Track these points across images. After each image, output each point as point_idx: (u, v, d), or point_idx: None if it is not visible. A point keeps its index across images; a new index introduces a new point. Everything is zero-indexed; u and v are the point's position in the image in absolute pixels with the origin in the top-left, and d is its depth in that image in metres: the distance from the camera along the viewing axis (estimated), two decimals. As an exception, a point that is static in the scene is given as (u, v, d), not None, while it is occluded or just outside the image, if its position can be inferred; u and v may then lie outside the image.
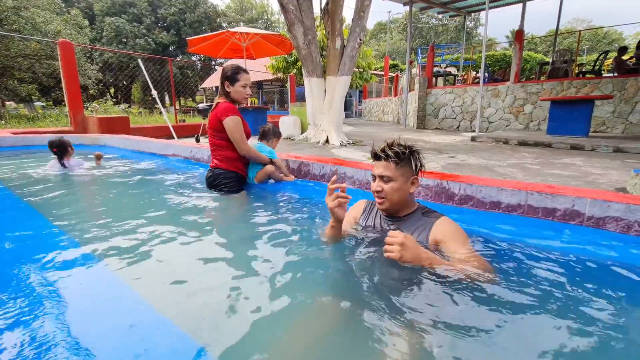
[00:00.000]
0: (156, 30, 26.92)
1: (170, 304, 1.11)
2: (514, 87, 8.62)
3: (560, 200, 1.59)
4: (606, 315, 0.99)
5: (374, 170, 1.37)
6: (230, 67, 2.40)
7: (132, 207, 2.30)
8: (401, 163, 1.32)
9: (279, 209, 2.18)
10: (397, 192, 1.33)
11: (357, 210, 1.58)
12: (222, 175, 2.43)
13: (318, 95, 6.19)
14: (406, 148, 1.33)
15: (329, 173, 2.49)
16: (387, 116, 15.87)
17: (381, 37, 43.05)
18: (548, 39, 29.25)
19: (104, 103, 13.03)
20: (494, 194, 1.77)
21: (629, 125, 7.41)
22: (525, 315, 1.00)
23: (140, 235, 1.64)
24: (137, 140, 4.74)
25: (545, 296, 1.09)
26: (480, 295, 1.07)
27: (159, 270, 1.34)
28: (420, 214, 1.40)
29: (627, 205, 1.45)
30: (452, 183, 1.92)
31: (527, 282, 1.17)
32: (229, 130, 2.35)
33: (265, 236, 1.65)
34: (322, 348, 0.92)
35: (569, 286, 1.16)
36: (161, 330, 0.98)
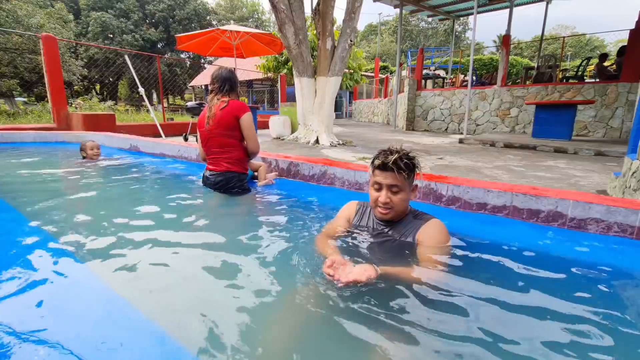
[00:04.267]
0: (144, 26, 26.48)
1: (154, 305, 1.09)
2: (500, 90, 8.79)
3: (544, 201, 1.63)
4: (586, 313, 1.02)
5: (379, 179, 1.33)
6: (233, 71, 2.46)
7: (115, 207, 2.25)
8: (411, 174, 1.34)
9: (275, 207, 2.17)
10: (404, 202, 1.36)
11: (349, 211, 1.57)
12: (236, 178, 2.37)
13: (308, 95, 6.19)
14: (413, 158, 1.34)
15: (318, 173, 2.49)
16: (376, 117, 15.98)
17: (372, 38, 43.32)
18: (533, 45, 29.98)
19: (89, 100, 12.73)
20: (481, 195, 1.80)
21: (609, 130, 7.65)
22: (500, 315, 1.02)
23: (122, 235, 1.59)
24: (123, 138, 4.64)
25: (520, 294, 1.11)
26: (467, 296, 1.08)
27: (145, 271, 1.31)
28: (411, 217, 1.41)
29: (607, 207, 1.49)
30: (440, 184, 1.95)
31: (505, 282, 1.20)
32: (247, 127, 2.35)
33: (261, 236, 1.65)
34: (312, 347, 0.92)
35: (548, 285, 1.18)
36: (149, 335, 0.96)
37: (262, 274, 1.26)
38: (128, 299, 1.11)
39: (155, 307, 1.08)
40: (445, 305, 1.03)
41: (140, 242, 1.51)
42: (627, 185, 2.40)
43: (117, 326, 0.98)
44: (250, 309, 1.03)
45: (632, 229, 1.45)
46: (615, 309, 1.05)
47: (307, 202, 2.22)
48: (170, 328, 0.96)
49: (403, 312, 0.99)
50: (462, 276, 1.20)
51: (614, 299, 1.15)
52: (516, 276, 1.24)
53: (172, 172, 3.26)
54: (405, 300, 1.05)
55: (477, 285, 1.16)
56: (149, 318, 1.01)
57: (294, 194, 2.38)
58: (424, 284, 1.12)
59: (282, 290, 1.15)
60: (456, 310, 1.01)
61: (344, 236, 1.47)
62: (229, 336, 0.92)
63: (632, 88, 7.25)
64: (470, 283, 1.17)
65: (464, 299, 1.06)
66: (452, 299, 1.06)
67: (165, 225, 1.79)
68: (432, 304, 1.04)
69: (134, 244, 1.50)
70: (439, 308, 1.02)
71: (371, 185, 1.39)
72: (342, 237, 1.46)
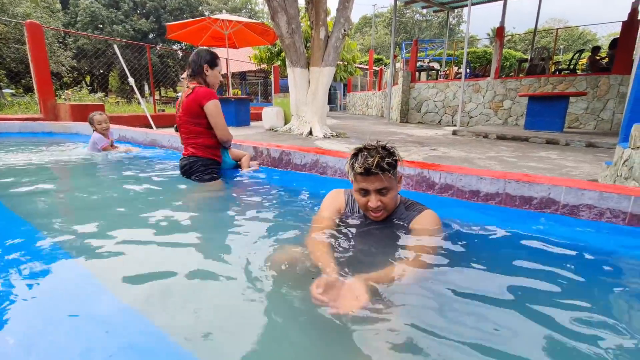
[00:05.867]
0: (135, 16, 25.89)
1: (142, 299, 1.05)
2: (494, 82, 8.79)
3: (537, 188, 1.62)
4: (578, 299, 1.01)
5: (365, 186, 1.25)
6: (206, 51, 2.32)
7: (99, 197, 2.19)
8: (395, 169, 1.27)
9: (256, 196, 2.11)
10: (394, 199, 1.31)
11: (339, 201, 1.50)
12: (200, 163, 2.36)
13: (301, 86, 6.11)
14: (392, 153, 1.26)
15: (310, 162, 2.45)
16: (370, 110, 15.93)
17: (366, 30, 43.03)
18: (527, 38, 30.06)
19: (79, 91, 12.43)
20: (474, 183, 1.79)
21: (600, 122, 7.71)
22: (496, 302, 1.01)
23: (107, 226, 1.55)
24: (111, 128, 4.54)
25: (514, 283, 1.10)
26: (462, 285, 1.07)
27: (127, 262, 1.27)
28: (403, 209, 1.37)
29: (599, 193, 1.48)
30: (432, 172, 1.93)
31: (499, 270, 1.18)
32: (212, 115, 2.28)
33: (241, 224, 1.60)
34: (302, 345, 0.89)
35: (542, 273, 1.17)
36: (135, 327, 0.92)
37: (248, 269, 1.21)
38: (113, 290, 1.07)
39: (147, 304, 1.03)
40: (438, 299, 1.00)
41: (128, 235, 1.46)
42: (619, 173, 2.40)
43: (107, 323, 0.94)
44: (243, 308, 1.00)
45: (625, 215, 1.45)
46: (609, 294, 1.05)
47: (296, 191, 2.18)
48: (159, 321, 0.92)
49: (394, 311, 0.94)
50: (456, 268, 1.17)
51: (607, 285, 1.15)
52: (511, 267, 1.21)
53: (166, 163, 3.20)
54: (397, 297, 1.00)
55: (471, 277, 1.14)
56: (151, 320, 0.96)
57: (283, 183, 2.36)
58: (418, 280, 1.08)
59: (270, 285, 1.12)
60: (450, 304, 0.98)
61: (336, 231, 1.39)
62: (218, 332, 0.89)
63: (623, 80, 7.30)
64: (464, 275, 1.14)
65: (459, 292, 1.03)
66: (446, 292, 1.03)
67: (154, 216, 1.74)
68: (425, 301, 1.00)
69: (121, 236, 1.45)
70: (432, 304, 0.99)
71: (356, 191, 1.31)
72: (334, 232, 1.38)
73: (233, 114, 7.62)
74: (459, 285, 1.06)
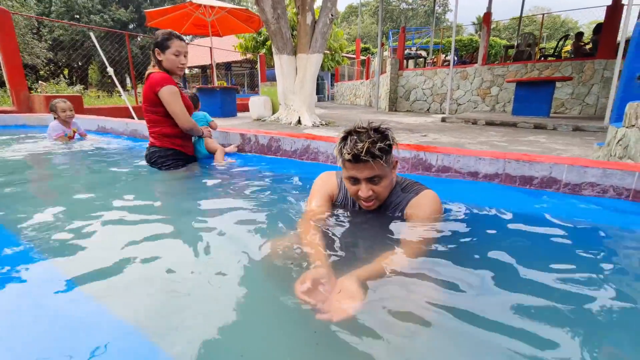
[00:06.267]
0: (113, 6, 24.86)
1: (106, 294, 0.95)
2: (481, 69, 8.79)
3: (538, 167, 1.57)
4: (588, 278, 0.96)
5: (354, 174, 1.11)
6: (161, 32, 2.14)
7: (58, 189, 2.04)
8: (389, 155, 1.11)
9: (235, 185, 1.99)
10: (388, 187, 1.18)
11: (330, 185, 1.36)
12: (158, 154, 2.24)
13: (289, 73, 5.95)
14: (385, 136, 1.10)
15: (301, 148, 2.35)
16: (359, 99, 15.81)
17: (352, 20, 42.58)
18: (510, 26, 30.31)
19: (56, 84, 11.85)
20: (472, 164, 1.73)
21: (585, 107, 7.81)
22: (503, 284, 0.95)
23: (65, 219, 1.41)
24: (89, 119, 4.33)
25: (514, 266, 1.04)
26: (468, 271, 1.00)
27: (90, 255, 1.15)
28: (399, 190, 1.25)
29: (603, 170, 1.44)
30: (429, 154, 1.86)
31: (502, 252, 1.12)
32: (167, 102, 2.11)
33: (210, 216, 1.48)
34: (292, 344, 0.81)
35: (547, 253, 1.12)
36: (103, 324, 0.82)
37: (233, 261, 1.11)
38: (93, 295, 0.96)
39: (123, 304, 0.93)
40: (437, 292, 0.89)
41: (101, 233, 1.34)
42: (612, 153, 2.39)
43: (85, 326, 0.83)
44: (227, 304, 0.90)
45: (628, 191, 1.41)
46: (614, 270, 1.00)
47: (282, 178, 2.08)
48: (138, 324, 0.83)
49: (388, 306, 0.84)
50: (455, 256, 1.06)
51: (612, 261, 1.10)
52: (518, 253, 1.11)
53: (138, 152, 3.04)
54: (391, 292, 0.90)
55: (470, 265, 1.03)
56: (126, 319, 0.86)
57: (269, 170, 2.25)
58: (414, 271, 0.97)
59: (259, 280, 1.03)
60: (449, 297, 0.88)
61: (327, 219, 1.28)
62: (194, 330, 0.79)
63: (607, 65, 7.38)
64: (463, 264, 1.03)
65: (458, 282, 0.93)
66: (446, 284, 0.93)
67: (118, 207, 1.62)
68: (422, 294, 0.89)
69: (91, 234, 1.33)
70: (430, 297, 0.87)
71: (346, 179, 1.18)
72: (324, 221, 1.27)
73: (219, 105, 7.40)
74: (459, 275, 0.96)
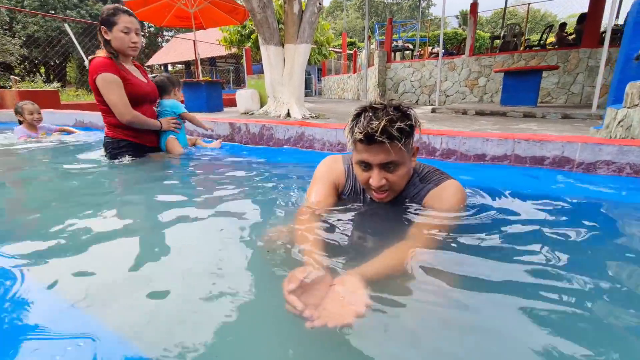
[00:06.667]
0: (90, 0, 23.93)
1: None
2: (469, 60, 8.79)
3: (549, 147, 1.49)
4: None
5: (366, 158, 0.95)
6: (106, 7, 1.95)
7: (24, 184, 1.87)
8: (409, 138, 0.95)
9: (210, 177, 1.83)
10: (405, 177, 1.00)
11: (336, 172, 1.18)
12: (111, 145, 2.11)
13: (276, 65, 5.78)
14: (407, 115, 0.93)
15: (295, 136, 2.22)
16: (346, 93, 15.69)
17: (337, 14, 42.35)
18: (492, 21, 30.70)
19: (32, 82, 11.28)
20: (479, 146, 1.63)
21: (570, 96, 7.91)
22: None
23: (33, 219, 1.27)
24: (67, 113, 4.08)
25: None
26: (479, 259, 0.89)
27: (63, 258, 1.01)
28: (417, 181, 1.07)
29: (619, 147, 1.36)
30: (432, 137, 1.76)
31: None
32: (102, 91, 1.93)
33: (177, 213, 1.29)
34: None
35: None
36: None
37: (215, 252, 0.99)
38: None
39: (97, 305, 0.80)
40: (452, 294, 0.76)
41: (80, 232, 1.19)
42: (613, 135, 2.35)
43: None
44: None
45: (646, 168, 1.34)
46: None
47: (268, 166, 1.95)
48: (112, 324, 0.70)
49: (396, 309, 0.71)
50: (475, 253, 0.92)
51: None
52: (552, 246, 0.97)
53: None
54: (400, 291, 0.76)
55: (491, 264, 0.88)
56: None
57: (255, 158, 2.12)
58: (426, 267, 0.82)
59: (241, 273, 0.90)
60: (467, 299, 0.74)
61: (331, 211, 1.11)
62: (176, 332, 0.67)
63: (591, 54, 7.47)
64: (484, 262, 0.88)
65: (477, 282, 0.80)
66: (463, 285, 0.79)
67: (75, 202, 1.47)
68: (435, 294, 0.76)
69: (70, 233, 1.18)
70: (443, 299, 0.75)
71: (356, 163, 1.01)
72: (328, 213, 1.10)
73: (204, 99, 7.15)
74: (479, 275, 0.82)
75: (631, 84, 2.14)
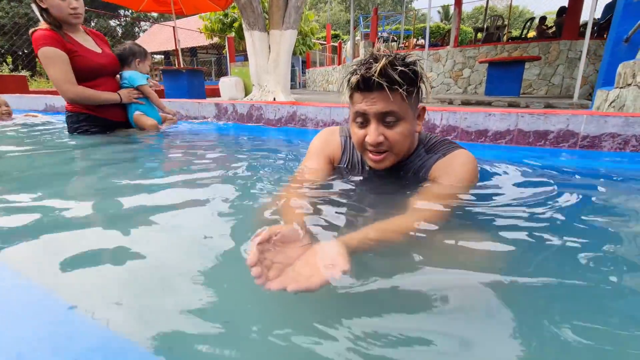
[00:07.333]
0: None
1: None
2: (453, 51, 8.84)
3: (554, 120, 1.44)
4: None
5: (362, 107, 0.84)
6: None
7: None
8: (413, 88, 0.83)
9: (186, 152, 1.68)
10: (407, 138, 0.88)
11: (332, 146, 1.08)
12: (71, 119, 1.99)
13: (261, 51, 5.60)
14: (412, 62, 0.83)
15: (286, 116, 2.11)
16: (331, 86, 15.55)
17: (320, 7, 41.96)
18: (473, 16, 31.23)
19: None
20: (481, 121, 1.57)
21: (551, 87, 8.08)
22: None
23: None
24: (35, 97, 3.80)
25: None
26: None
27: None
28: (422, 152, 0.98)
29: (625, 119, 1.33)
30: (432, 113, 1.69)
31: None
32: (43, 65, 1.79)
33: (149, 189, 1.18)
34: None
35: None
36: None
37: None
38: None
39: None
40: (451, 273, 0.66)
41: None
42: (604, 116, 2.35)
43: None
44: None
45: (652, 139, 1.31)
46: None
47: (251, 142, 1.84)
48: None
49: (384, 285, 0.60)
50: (484, 226, 0.82)
51: None
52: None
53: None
54: (389, 265, 0.68)
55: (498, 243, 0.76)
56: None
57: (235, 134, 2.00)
58: (424, 240, 0.71)
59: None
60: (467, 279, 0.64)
61: (325, 183, 1.01)
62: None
63: (571, 45, 7.64)
64: (490, 238, 0.77)
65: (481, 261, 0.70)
66: (466, 258, 0.70)
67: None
68: (432, 269, 0.65)
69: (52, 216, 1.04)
70: (442, 276, 0.65)
71: (352, 120, 0.91)
72: (322, 184, 1.00)
73: (185, 88, 6.87)
74: (483, 256, 0.71)
75: (624, 63, 2.14)
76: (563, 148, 1.46)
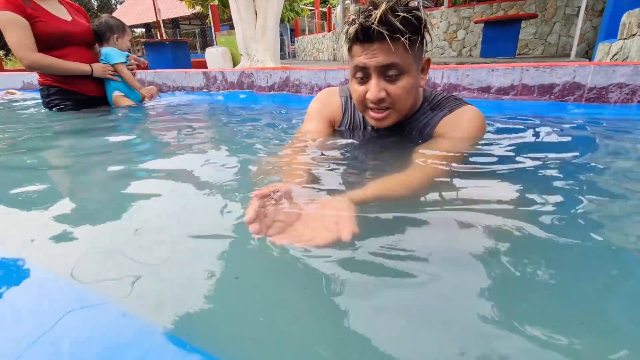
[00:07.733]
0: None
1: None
2: (448, 12, 8.52)
3: (560, 72, 1.38)
4: None
5: (362, 60, 0.78)
6: None
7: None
8: (416, 37, 0.77)
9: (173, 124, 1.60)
10: (410, 93, 0.82)
11: (332, 108, 1.03)
12: (42, 93, 1.93)
13: (248, 18, 5.32)
14: (415, 7, 0.76)
15: (279, 82, 2.02)
16: (322, 54, 15.06)
17: (306, -31, 39.82)
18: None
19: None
20: (484, 77, 1.51)
21: (547, 46, 7.89)
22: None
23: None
24: (12, 75, 3.61)
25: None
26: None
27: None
28: (427, 109, 0.93)
29: (634, 67, 1.27)
30: (432, 71, 1.62)
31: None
32: (2, 31, 1.68)
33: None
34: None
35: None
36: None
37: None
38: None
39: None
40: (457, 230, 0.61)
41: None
42: (606, 70, 2.29)
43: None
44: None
45: (662, 88, 1.27)
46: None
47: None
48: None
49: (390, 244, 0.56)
50: (492, 182, 0.77)
51: None
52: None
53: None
54: (395, 223, 0.63)
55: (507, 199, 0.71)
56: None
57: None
58: (430, 195, 0.68)
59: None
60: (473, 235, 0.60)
61: (325, 143, 0.96)
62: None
63: (569, 1, 7.38)
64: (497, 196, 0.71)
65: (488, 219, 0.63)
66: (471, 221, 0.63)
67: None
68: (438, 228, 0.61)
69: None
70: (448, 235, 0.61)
71: (352, 77, 0.85)
72: (322, 144, 0.95)
73: (170, 60, 6.58)
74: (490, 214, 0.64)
75: (628, 12, 2.05)
76: (568, 102, 1.41)
